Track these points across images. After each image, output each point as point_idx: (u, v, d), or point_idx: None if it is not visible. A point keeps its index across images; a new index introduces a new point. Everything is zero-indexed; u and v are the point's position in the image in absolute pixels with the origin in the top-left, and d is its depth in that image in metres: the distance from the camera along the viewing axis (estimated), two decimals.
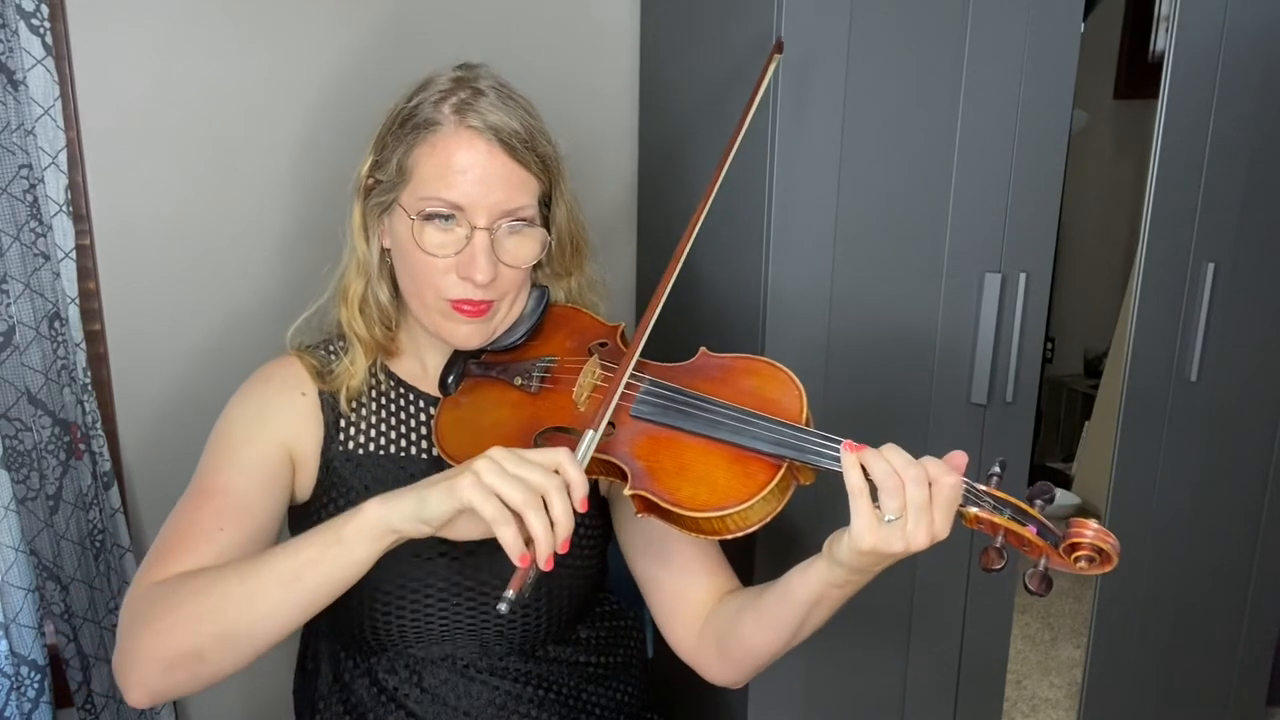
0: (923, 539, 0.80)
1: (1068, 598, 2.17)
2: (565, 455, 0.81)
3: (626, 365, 0.94)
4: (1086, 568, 0.79)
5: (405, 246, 0.99)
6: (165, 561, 0.91)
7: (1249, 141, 1.42)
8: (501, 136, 0.96)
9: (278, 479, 1.01)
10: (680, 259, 1.00)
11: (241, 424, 1.02)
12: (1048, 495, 0.82)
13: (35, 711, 1.36)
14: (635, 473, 0.89)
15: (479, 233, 0.96)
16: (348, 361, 1.05)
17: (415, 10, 1.48)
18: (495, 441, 0.96)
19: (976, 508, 0.82)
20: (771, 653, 0.98)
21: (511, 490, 0.77)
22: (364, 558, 0.82)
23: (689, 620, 1.05)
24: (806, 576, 0.90)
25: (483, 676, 1.05)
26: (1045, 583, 0.79)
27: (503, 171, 0.96)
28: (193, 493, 0.97)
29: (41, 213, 1.29)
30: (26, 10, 1.25)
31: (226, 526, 0.94)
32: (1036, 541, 0.80)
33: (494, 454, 0.80)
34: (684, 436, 0.91)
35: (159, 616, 0.86)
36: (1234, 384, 1.52)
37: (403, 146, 0.98)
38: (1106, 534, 0.79)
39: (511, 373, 1.02)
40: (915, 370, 1.33)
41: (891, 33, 1.21)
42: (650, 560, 1.07)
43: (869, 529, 0.80)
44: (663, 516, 0.88)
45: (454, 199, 0.95)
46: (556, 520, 0.79)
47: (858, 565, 0.85)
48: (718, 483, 0.87)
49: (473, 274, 0.96)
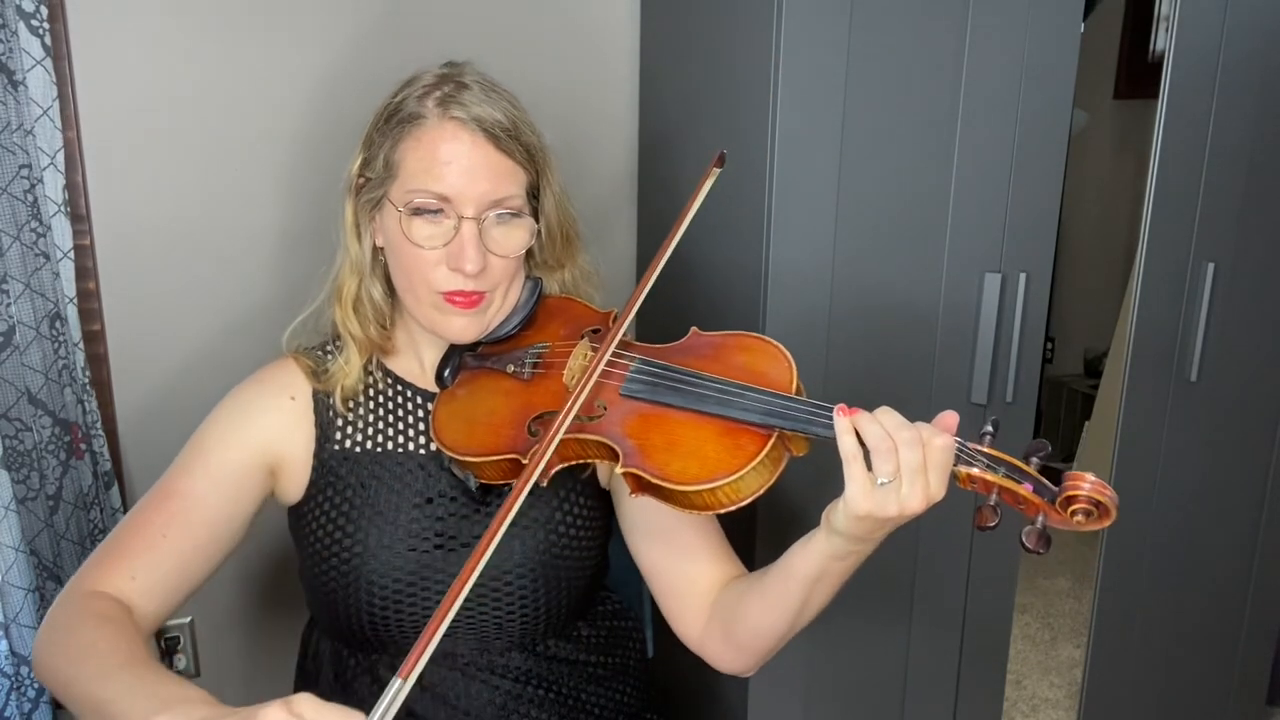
0: (918, 501, 0.80)
1: (1068, 598, 2.17)
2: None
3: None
4: (1084, 522, 0.77)
5: (395, 241, 0.99)
6: (106, 563, 0.96)
7: (1249, 141, 1.42)
8: (485, 127, 0.97)
9: (241, 490, 1.02)
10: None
11: (220, 428, 1.03)
12: (1043, 451, 0.81)
13: (35, 711, 1.36)
14: (626, 451, 0.89)
15: (466, 223, 0.96)
16: (342, 361, 1.06)
17: (414, 11, 1.48)
18: (490, 431, 0.97)
19: (969, 467, 0.81)
20: (777, 635, 0.98)
21: None
22: None
23: (694, 607, 1.05)
24: (807, 551, 0.90)
25: (483, 675, 1.06)
26: (1044, 540, 0.78)
27: (488, 161, 0.97)
28: (158, 489, 1.01)
29: (41, 213, 1.29)
30: (26, 11, 1.25)
31: (171, 533, 0.97)
32: (1032, 498, 0.79)
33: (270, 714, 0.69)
34: (674, 412, 0.91)
35: (52, 652, 0.91)
36: (1234, 384, 1.52)
37: (389, 142, 0.99)
38: (1103, 486, 0.77)
39: (505, 361, 1.03)
40: (915, 370, 1.33)
41: (891, 34, 1.21)
42: (654, 547, 1.07)
43: (863, 493, 0.80)
44: (655, 494, 0.88)
45: (440, 190, 0.96)
46: None
47: (855, 533, 0.84)
48: (708, 456, 0.86)
49: (462, 264, 0.96)
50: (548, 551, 1.04)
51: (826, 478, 0.85)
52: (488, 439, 0.97)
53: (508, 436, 0.96)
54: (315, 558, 1.04)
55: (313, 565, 1.05)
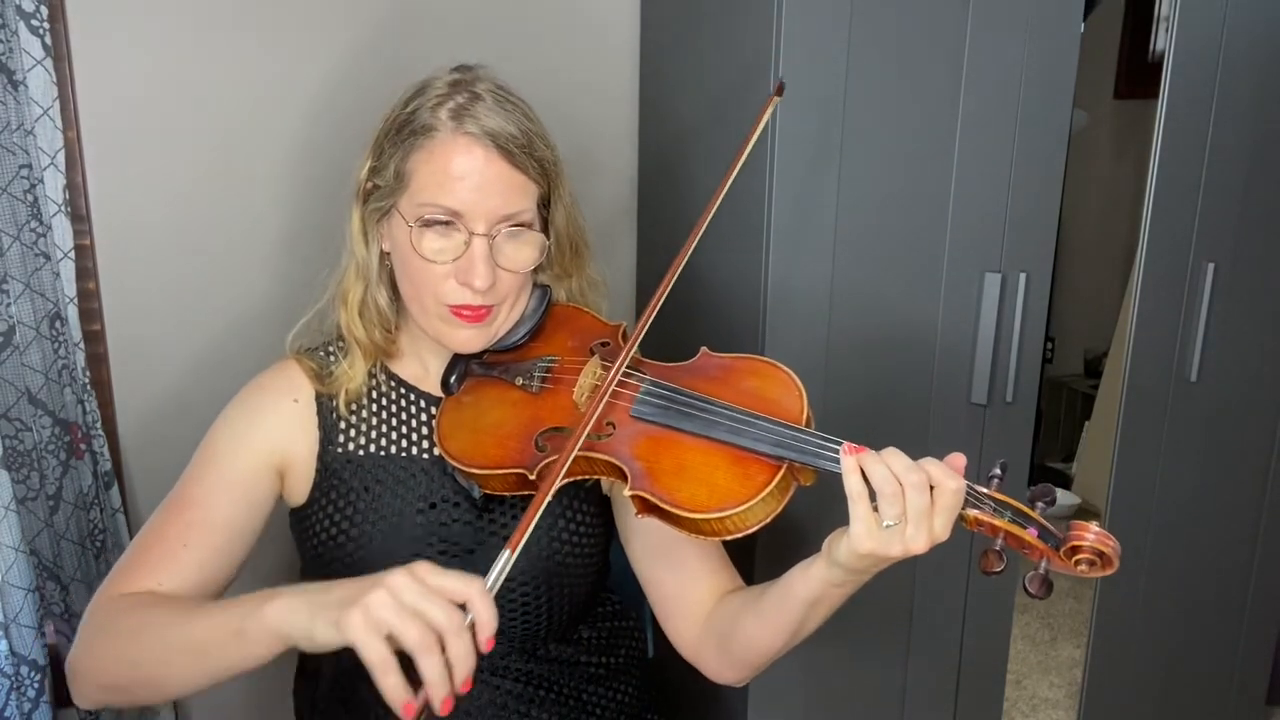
0: (922, 543, 0.80)
1: (1068, 598, 2.17)
2: (477, 589, 0.74)
3: (619, 365, 0.94)
4: (1087, 571, 0.79)
5: (404, 252, 0.98)
6: (130, 574, 0.96)
7: (1249, 141, 1.42)
8: (499, 142, 0.95)
9: (254, 496, 1.02)
10: (680, 264, 0.99)
11: (227, 435, 1.03)
12: (1049, 498, 0.82)
13: (35, 711, 1.36)
14: (635, 473, 0.89)
15: (477, 239, 0.95)
16: (346, 365, 1.05)
17: (415, 12, 1.48)
18: (496, 443, 0.96)
19: (977, 510, 0.82)
20: (772, 651, 0.98)
21: (407, 629, 0.71)
22: (261, 656, 0.81)
23: (691, 618, 1.05)
24: (806, 576, 0.90)
25: (484, 676, 1.05)
26: (1046, 586, 0.79)
27: (500, 177, 0.96)
28: (170, 501, 1.00)
29: (41, 213, 1.29)
30: (26, 11, 1.25)
31: (191, 543, 0.97)
32: (1037, 544, 0.80)
33: (393, 583, 0.73)
34: (684, 437, 0.90)
35: (99, 646, 0.91)
36: (1234, 384, 1.52)
37: (400, 152, 0.97)
38: (1108, 537, 0.78)
39: (513, 373, 1.02)
40: (915, 370, 1.33)
41: (891, 33, 1.21)
42: (653, 559, 1.07)
43: (868, 534, 0.80)
44: (662, 517, 0.88)
45: (452, 205, 0.95)
46: (455, 662, 0.71)
47: (856, 567, 0.85)
48: (717, 484, 0.86)
49: (471, 280, 0.96)
50: (550, 559, 1.04)
51: (831, 499, 0.85)
52: (494, 451, 0.96)
53: (514, 450, 0.95)
54: (317, 561, 1.04)
55: (315, 568, 1.05)
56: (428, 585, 0.73)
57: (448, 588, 0.73)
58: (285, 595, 0.79)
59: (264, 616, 0.79)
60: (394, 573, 0.74)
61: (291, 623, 0.78)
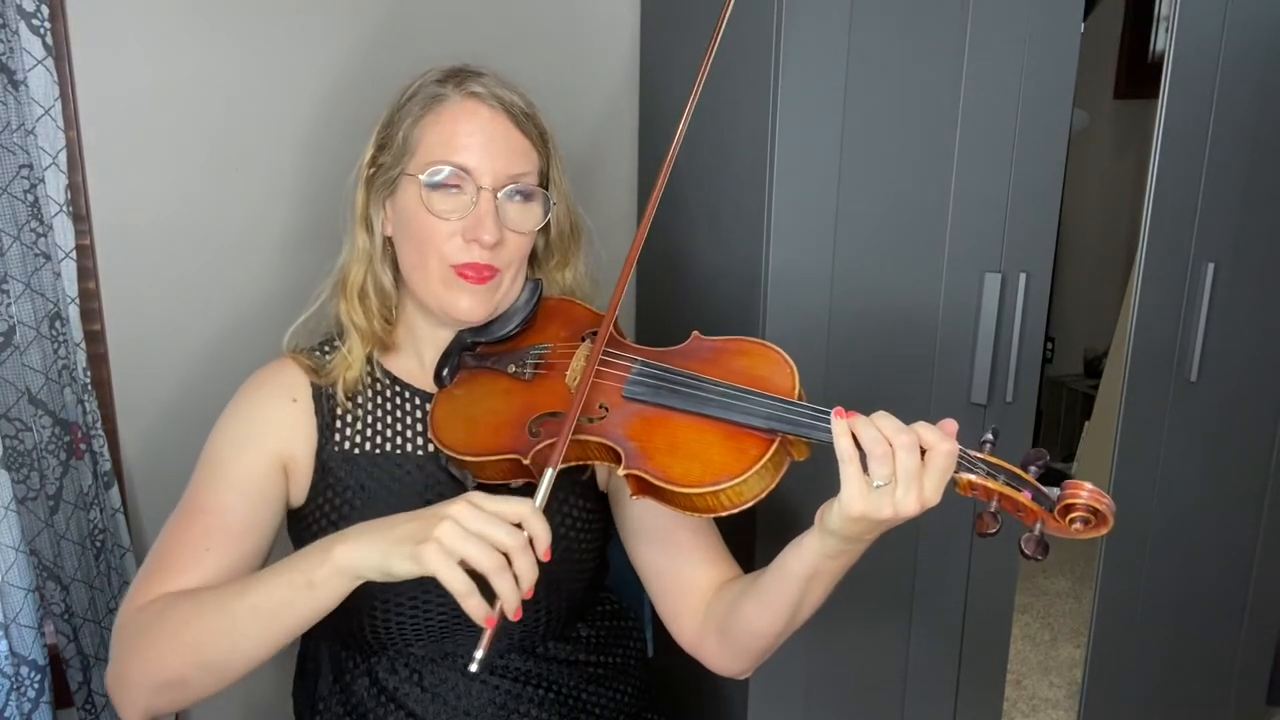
0: (913, 506, 0.80)
1: (1068, 598, 2.17)
2: (528, 508, 0.81)
3: (605, 328, 0.95)
4: (1082, 530, 0.79)
5: (411, 214, 1.00)
6: (154, 582, 0.95)
7: (1249, 141, 1.42)
8: (505, 105, 1.00)
9: (268, 493, 1.02)
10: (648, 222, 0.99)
11: (231, 438, 1.03)
12: (1041, 460, 0.82)
13: (35, 711, 1.36)
14: (628, 453, 0.89)
15: (485, 194, 0.98)
16: (345, 351, 1.06)
17: (415, 12, 1.48)
18: (490, 431, 0.97)
19: (971, 474, 0.82)
20: (773, 634, 0.98)
21: (478, 554, 0.78)
22: (335, 599, 0.85)
23: (690, 609, 1.05)
24: (800, 550, 0.90)
25: (483, 675, 1.05)
26: (1042, 547, 0.79)
27: (506, 136, 1.00)
28: (183, 510, 1.00)
29: (42, 213, 1.29)
30: (27, 10, 1.25)
31: (213, 546, 0.97)
32: (1031, 506, 0.80)
33: (456, 513, 0.79)
34: (676, 415, 0.91)
35: (147, 644, 0.90)
36: (1234, 384, 1.52)
37: (409, 119, 1.01)
38: (1101, 494, 0.78)
39: (505, 362, 1.03)
40: (915, 370, 1.33)
41: (891, 33, 1.21)
42: (651, 549, 1.07)
43: (858, 495, 0.81)
44: (657, 496, 0.88)
45: (461, 161, 0.98)
46: (521, 575, 0.79)
47: (849, 533, 0.85)
48: (711, 459, 0.87)
49: (480, 234, 0.98)
50: None
51: (826, 479, 0.85)
52: (488, 438, 0.97)
53: (509, 436, 0.96)
54: None
55: None
56: (486, 511, 0.79)
57: (504, 511, 0.80)
58: (349, 539, 0.84)
59: (335, 562, 0.83)
60: (453, 503, 0.80)
61: (365, 563, 0.82)
